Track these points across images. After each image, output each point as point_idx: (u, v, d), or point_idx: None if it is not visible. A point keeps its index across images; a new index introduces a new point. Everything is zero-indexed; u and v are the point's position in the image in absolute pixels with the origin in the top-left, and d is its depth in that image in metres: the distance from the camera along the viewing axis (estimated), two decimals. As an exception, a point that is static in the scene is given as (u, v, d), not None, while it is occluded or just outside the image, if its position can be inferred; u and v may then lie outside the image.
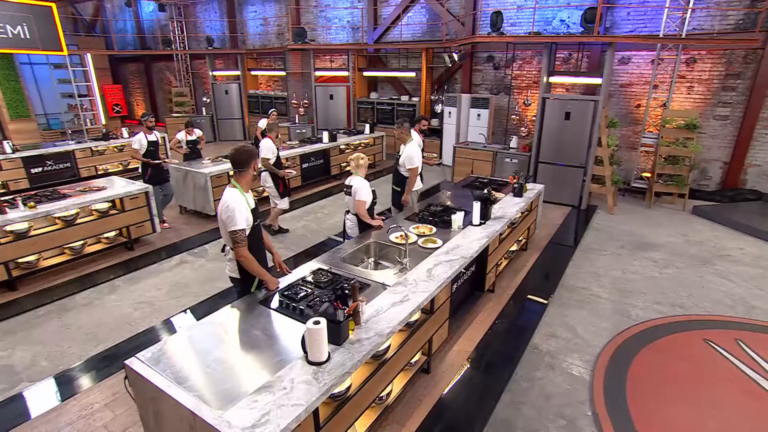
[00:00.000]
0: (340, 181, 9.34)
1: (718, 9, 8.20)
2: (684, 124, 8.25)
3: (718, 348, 4.11)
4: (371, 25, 12.33)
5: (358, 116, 12.66)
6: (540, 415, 3.28)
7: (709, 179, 9.01)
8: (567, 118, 7.75)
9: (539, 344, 4.11)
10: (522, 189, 5.31)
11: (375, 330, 2.63)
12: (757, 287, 5.29)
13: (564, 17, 9.60)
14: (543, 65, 8.11)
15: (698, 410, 3.36)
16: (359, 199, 4.27)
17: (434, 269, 3.41)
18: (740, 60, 8.29)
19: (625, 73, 9.32)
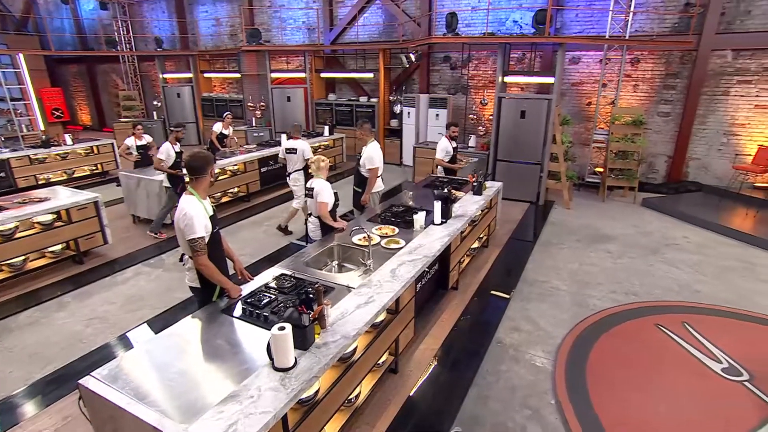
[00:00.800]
0: (301, 185, 9.27)
1: (656, 13, 8.76)
2: (631, 120, 8.75)
3: (668, 332, 4.40)
4: (327, 26, 12.32)
5: (316, 118, 12.61)
6: (506, 407, 3.40)
7: (656, 173, 9.60)
8: (522, 116, 8.05)
9: (503, 338, 4.25)
10: (481, 187, 5.48)
11: (341, 333, 2.66)
12: (700, 273, 5.69)
13: (517, 18, 9.95)
14: (498, 65, 8.39)
15: (651, 392, 3.59)
16: (321, 201, 4.28)
17: (398, 269, 3.47)
18: (678, 60, 8.89)
19: (576, 73, 9.78)
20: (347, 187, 7.22)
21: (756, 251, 6.38)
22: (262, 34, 12.53)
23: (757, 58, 8.29)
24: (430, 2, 10.58)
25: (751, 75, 8.40)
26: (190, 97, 14.20)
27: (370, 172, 5.42)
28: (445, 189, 4.81)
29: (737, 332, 4.44)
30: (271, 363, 2.34)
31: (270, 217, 7.69)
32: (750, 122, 8.62)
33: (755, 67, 8.33)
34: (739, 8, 8.20)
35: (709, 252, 6.38)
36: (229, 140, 9.07)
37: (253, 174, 8.44)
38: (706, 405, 3.47)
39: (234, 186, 8.06)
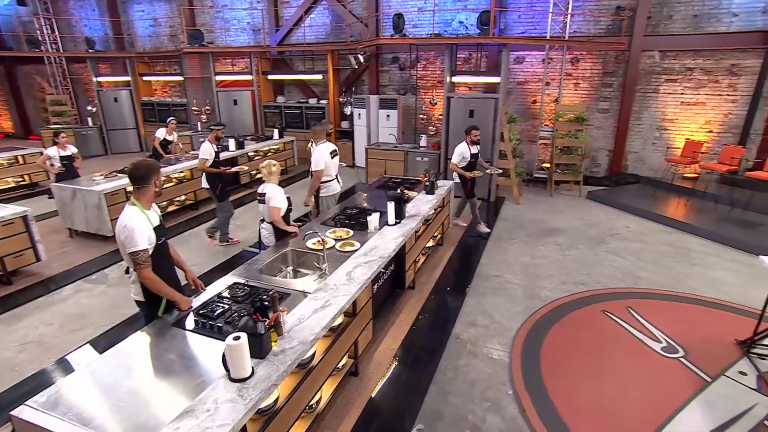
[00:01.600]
0: (251, 190, 9.10)
1: (592, 15, 9.32)
2: (574, 117, 9.24)
3: (614, 317, 4.70)
4: (273, 27, 12.17)
5: (265, 121, 12.41)
6: (466, 401, 3.52)
7: (598, 166, 10.19)
8: (471, 115, 8.31)
9: (460, 334, 4.39)
10: (433, 186, 5.62)
11: (298, 338, 2.66)
12: (640, 260, 6.11)
13: (462, 19, 10.26)
14: (445, 65, 8.62)
15: (601, 375, 3.83)
16: (273, 205, 4.24)
17: (354, 272, 3.51)
18: (613, 60, 9.49)
19: (521, 72, 10.21)
20: (300, 192, 7.18)
21: (688, 237, 6.93)
22: (204, 36, 12.18)
23: (679, 59, 9.01)
24: (376, 3, 10.70)
25: (676, 74, 9.12)
26: (128, 101, 13.56)
27: (314, 175, 5.52)
28: (398, 189, 4.90)
29: (674, 313, 4.81)
30: (228, 374, 2.31)
31: (220, 225, 7.48)
32: (678, 118, 9.34)
33: (679, 67, 9.05)
34: (663, 13, 8.89)
35: (648, 240, 6.86)
36: (174, 146, 8.76)
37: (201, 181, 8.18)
38: (648, 382, 3.75)
39: (180, 194, 7.79)
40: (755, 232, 6.90)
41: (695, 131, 9.26)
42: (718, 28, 8.63)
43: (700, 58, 8.89)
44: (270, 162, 4.47)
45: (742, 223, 7.28)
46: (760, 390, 3.64)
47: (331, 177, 5.70)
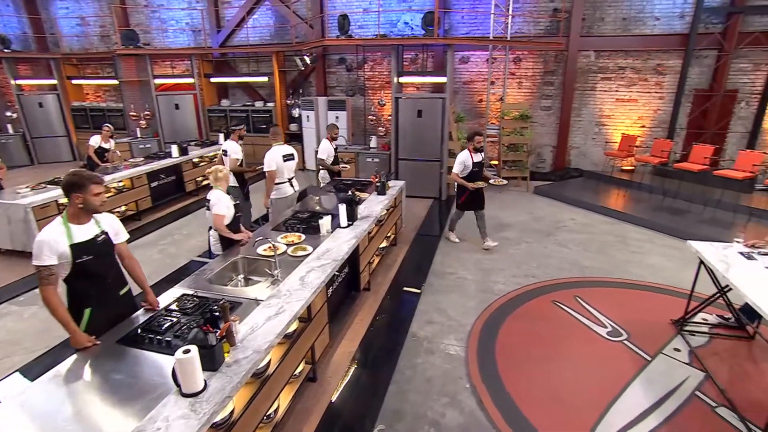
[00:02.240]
0: (197, 198, 8.83)
1: (531, 16, 9.75)
2: (519, 115, 9.65)
3: (563, 306, 4.95)
4: (214, 28, 11.84)
5: (210, 126, 12.04)
6: (425, 397, 3.59)
7: (543, 162, 10.67)
8: (419, 115, 8.47)
9: (417, 332, 4.47)
10: (384, 187, 5.69)
11: (252, 347, 2.62)
12: (586, 250, 6.47)
13: (408, 20, 10.43)
14: (392, 66, 8.73)
15: (553, 363, 4.03)
16: (216, 213, 4.13)
17: (307, 276, 3.50)
18: (553, 59, 9.98)
19: (466, 72, 10.51)
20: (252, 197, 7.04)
21: (627, 226, 7.41)
22: (140, 37, 11.65)
23: (612, 58, 9.63)
24: (321, 4, 10.67)
25: (610, 73, 9.73)
26: (56, 106, 12.69)
27: (267, 175, 5.54)
28: (349, 191, 4.92)
29: (617, 298, 5.14)
30: (179, 389, 2.25)
31: (165, 236, 7.21)
32: (614, 114, 9.97)
33: (612, 66, 9.67)
34: (595, 15, 9.47)
35: (592, 230, 7.27)
36: (111, 154, 8.33)
37: (143, 190, 7.84)
38: (596, 366, 3.99)
39: (121, 204, 7.41)
40: (684, 219, 7.49)
41: (630, 126, 9.92)
42: (643, 30, 9.30)
43: (630, 58, 9.53)
44: (217, 167, 4.36)
45: (673, 211, 7.88)
46: (691, 364, 3.98)
47: (282, 180, 5.66)
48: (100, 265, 2.90)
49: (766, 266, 3.79)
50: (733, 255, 4.05)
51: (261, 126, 11.52)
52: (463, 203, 6.29)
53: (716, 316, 4.60)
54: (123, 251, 3.12)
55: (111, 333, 2.84)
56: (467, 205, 6.30)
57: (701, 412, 3.42)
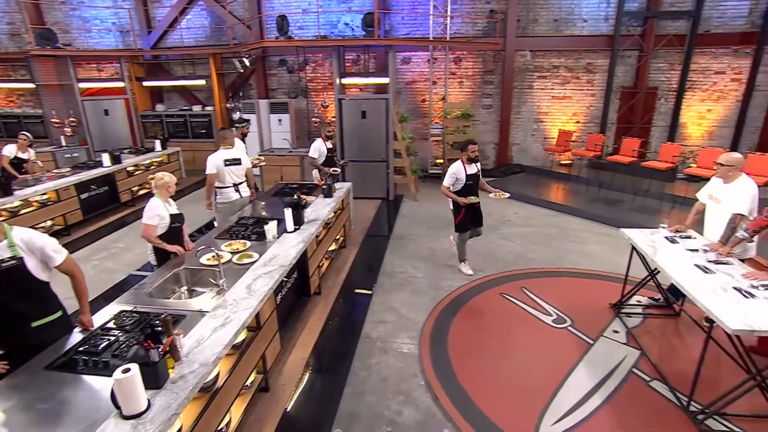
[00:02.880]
0: (135, 208, 8.38)
1: (469, 17, 10.08)
2: (461, 114, 9.93)
3: (510, 298, 5.15)
4: (144, 29, 11.29)
5: (145, 132, 11.47)
6: (381, 397, 3.62)
7: (487, 159, 11.04)
8: (363, 116, 8.52)
9: (370, 333, 4.50)
10: (331, 189, 5.68)
11: (199, 361, 2.54)
12: (530, 242, 6.77)
13: (348, 21, 10.46)
14: (334, 67, 8.72)
15: (503, 353, 4.19)
16: (143, 222, 3.94)
17: (254, 284, 3.43)
18: (491, 59, 10.36)
19: (408, 72, 10.68)
20: (190, 205, 6.80)
21: (567, 217, 7.82)
22: (58, 36, 10.89)
23: (547, 58, 10.14)
24: (258, 4, 10.47)
25: (545, 71, 10.24)
26: (-39, 113, 11.62)
27: (207, 179, 5.48)
28: (294, 195, 4.87)
29: (560, 287, 5.42)
30: (119, 412, 2.14)
31: (100, 250, 6.80)
32: (551, 110, 10.50)
33: (547, 65, 10.18)
34: (529, 17, 9.94)
35: (535, 223, 7.61)
36: (30, 165, 7.73)
37: (71, 202, 7.34)
38: (544, 352, 4.19)
39: (46, 219, 6.89)
40: (618, 208, 8.02)
41: (566, 122, 10.48)
42: (573, 31, 9.87)
43: (563, 57, 10.08)
44: (157, 174, 4.12)
45: (608, 201, 8.42)
46: (628, 343, 4.27)
47: (224, 185, 5.54)
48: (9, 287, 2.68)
49: (687, 249, 4.14)
50: (659, 240, 4.39)
51: (200, 131, 11.12)
52: (460, 224, 5.57)
53: (648, 298, 4.97)
54: (65, 271, 2.93)
55: (38, 359, 2.65)
56: (466, 225, 5.58)
57: (638, 387, 3.69)
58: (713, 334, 3.22)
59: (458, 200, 5.35)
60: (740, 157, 4.09)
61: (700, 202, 4.47)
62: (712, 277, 3.56)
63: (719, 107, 9.92)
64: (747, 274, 3.59)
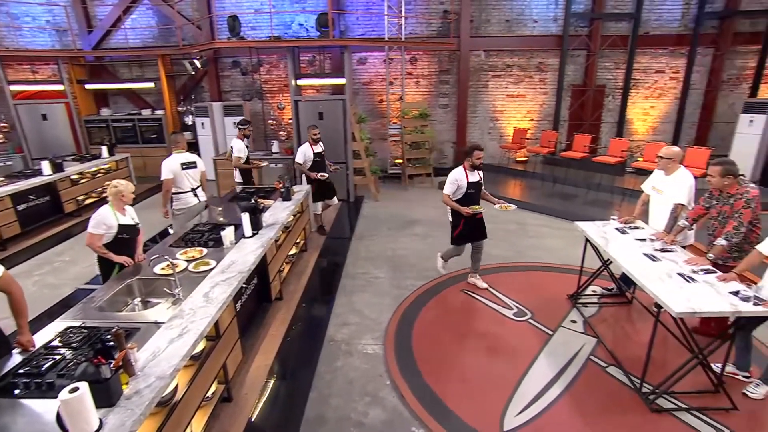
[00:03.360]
0: (82, 219, 7.97)
1: (423, 18, 10.22)
2: (418, 113, 10.04)
3: (473, 294, 5.26)
4: (84, 28, 10.74)
5: (89, 138, 10.94)
6: (347, 400, 3.62)
7: (446, 158, 11.23)
8: (321, 118, 8.47)
9: (334, 336, 4.49)
10: (289, 192, 5.61)
11: (155, 374, 2.45)
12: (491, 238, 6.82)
13: (302, 21, 10.37)
14: (289, 69, 8.63)
15: (467, 349, 4.27)
16: (88, 230, 3.75)
17: (211, 292, 3.35)
18: (447, 59, 10.55)
19: (364, 73, 10.71)
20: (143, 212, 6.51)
21: (526, 213, 8.06)
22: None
23: (501, 57, 10.44)
24: (208, 4, 10.21)
25: (499, 71, 10.53)
26: None
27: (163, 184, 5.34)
28: (251, 199, 4.78)
29: (520, 281, 5.58)
30: (68, 434, 2.04)
31: (42, 264, 6.42)
32: (506, 109, 10.80)
33: (501, 64, 10.48)
34: (482, 17, 10.19)
35: (495, 220, 7.76)
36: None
37: (6, 214, 6.90)
38: (506, 345, 4.31)
39: (-21, 234, 6.47)
40: (572, 203, 8.35)
41: (520, 120, 10.81)
42: (525, 31, 10.21)
43: (516, 57, 10.40)
44: (112, 182, 3.91)
45: (563, 196, 8.75)
46: (585, 332, 4.46)
47: (183, 189, 5.41)
48: None
49: (636, 238, 4.37)
50: (610, 231, 4.61)
51: (151, 136, 10.72)
52: (459, 236, 5.14)
53: (602, 288, 5.20)
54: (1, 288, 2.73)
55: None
56: (464, 238, 5.19)
57: (595, 374, 3.86)
58: (661, 318, 3.41)
59: (461, 210, 4.92)
60: (678, 150, 4.37)
61: (645, 193, 4.74)
62: (658, 265, 3.78)
63: (661, 104, 10.53)
64: (688, 260, 3.83)
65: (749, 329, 3.56)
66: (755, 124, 8.85)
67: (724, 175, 3.75)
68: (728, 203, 3.82)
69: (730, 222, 3.75)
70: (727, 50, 9.97)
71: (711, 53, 10.13)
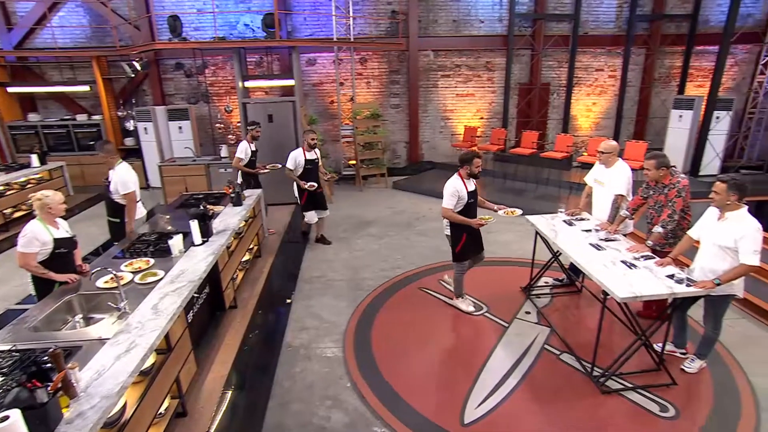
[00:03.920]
0: (9, 234, 7.42)
1: (372, 18, 10.27)
2: (370, 114, 10.08)
3: (429, 291, 5.35)
4: (2, 25, 9.93)
5: (16, 146, 10.18)
6: (308, 405, 3.58)
7: (399, 157, 11.33)
8: (271, 120, 8.33)
9: (292, 341, 4.43)
10: (240, 197, 5.48)
11: (100, 394, 2.33)
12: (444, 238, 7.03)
13: (248, 22, 10.15)
14: (236, 70, 8.43)
15: (426, 345, 4.33)
16: (18, 249, 3.48)
17: (160, 303, 3.22)
18: (396, 59, 10.65)
19: (314, 74, 10.63)
20: (82, 226, 6.19)
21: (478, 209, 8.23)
22: None
23: (449, 57, 10.66)
24: (146, 3, 9.78)
25: (448, 70, 10.76)
26: None
27: (128, 198, 4.96)
28: (200, 206, 4.63)
29: (476, 276, 5.64)
30: (-1, 468, 1.89)
31: (-34, 285, 5.94)
32: (456, 108, 11.04)
33: (450, 64, 10.70)
34: (430, 17, 10.37)
35: (447, 218, 7.95)
36: None
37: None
38: (464, 340, 4.43)
39: None
40: (523, 197, 8.65)
41: (471, 119, 11.08)
42: (472, 31, 10.48)
43: (464, 56, 10.66)
44: (36, 194, 3.62)
45: (514, 191, 9.05)
46: (539, 322, 4.64)
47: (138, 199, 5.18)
48: None
49: (582, 230, 4.59)
50: (559, 224, 4.82)
51: (88, 143, 10.13)
52: (462, 251, 4.71)
53: (554, 279, 5.42)
54: None
55: None
56: (466, 253, 4.76)
57: (550, 362, 4.02)
58: (607, 304, 3.60)
59: (470, 223, 4.53)
60: (615, 144, 4.67)
61: (589, 186, 4.99)
62: (603, 254, 3.99)
63: (602, 101, 11.11)
64: (630, 248, 4.07)
65: (684, 309, 3.83)
66: (684, 119, 9.51)
67: (658, 167, 4.03)
68: (663, 193, 4.10)
69: (665, 210, 4.03)
70: (657, 50, 10.67)
71: (643, 53, 10.82)
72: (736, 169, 9.73)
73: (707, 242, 3.48)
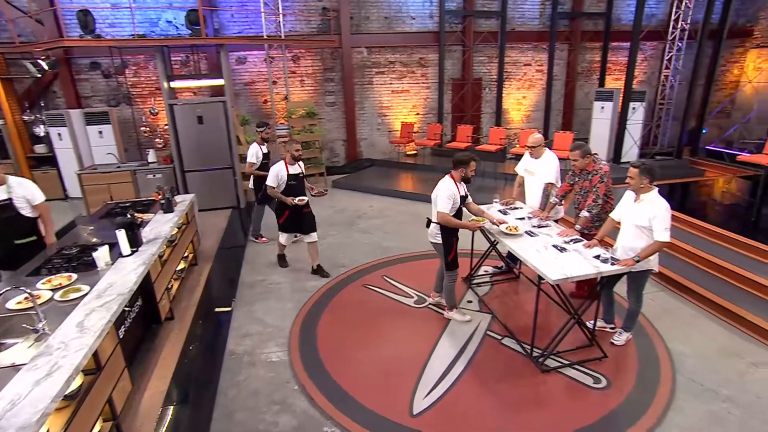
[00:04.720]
0: None
1: (302, 15, 10.16)
2: (305, 113, 9.97)
3: (374, 288, 5.40)
4: None
5: None
6: (254, 412, 3.51)
7: (338, 156, 11.31)
8: (201, 122, 8.02)
9: (235, 349, 4.31)
10: (171, 203, 5.24)
11: (16, 425, 2.15)
12: (386, 232, 7.15)
13: (170, 18, 9.70)
14: (159, 70, 8.03)
15: (374, 342, 4.37)
16: None
17: (86, 320, 3.02)
18: (330, 57, 10.62)
19: (245, 72, 10.36)
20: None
21: (417, 204, 8.42)
22: None
23: (382, 54, 10.78)
24: (50, -5, 9.04)
25: (383, 67, 10.87)
26: None
27: (42, 207, 4.47)
28: (127, 214, 4.38)
29: (417, 270, 5.84)
30: None
31: None
32: (392, 104, 11.18)
33: (384, 61, 10.82)
34: (361, 14, 10.43)
35: (389, 213, 8.06)
36: None
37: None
38: (410, 333, 4.51)
39: None
40: (461, 191, 8.92)
41: (407, 115, 11.27)
42: (404, 28, 10.66)
43: (397, 53, 10.81)
44: None
45: (452, 185, 9.30)
46: (481, 310, 4.84)
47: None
48: None
49: (516, 218, 4.82)
50: (495, 213, 5.02)
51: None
52: (454, 259, 4.50)
53: (493, 267, 5.66)
54: None
55: None
56: (456, 261, 4.54)
57: (493, 347, 4.21)
58: (543, 287, 3.82)
59: (469, 227, 4.42)
60: (540, 136, 4.99)
61: (520, 175, 5.26)
62: (536, 240, 4.22)
63: (531, 94, 11.69)
64: (560, 232, 4.34)
65: (610, 286, 4.15)
66: (605, 110, 10.22)
67: (583, 156, 4.33)
68: (587, 179, 4.41)
69: (590, 196, 4.33)
70: (579, 46, 11.39)
71: (566, 48, 11.51)
72: (651, 155, 10.58)
73: (626, 223, 3.79)
